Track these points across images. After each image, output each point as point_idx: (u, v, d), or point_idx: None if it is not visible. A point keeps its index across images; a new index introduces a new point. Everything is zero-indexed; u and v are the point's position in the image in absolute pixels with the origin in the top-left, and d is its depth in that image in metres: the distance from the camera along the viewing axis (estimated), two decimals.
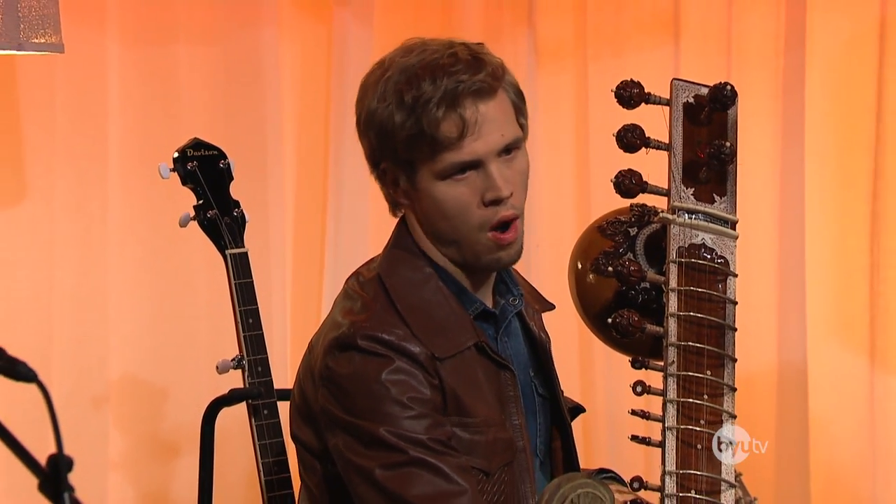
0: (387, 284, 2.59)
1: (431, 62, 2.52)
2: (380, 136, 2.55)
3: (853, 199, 4.33)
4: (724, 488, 2.56)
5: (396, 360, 2.51)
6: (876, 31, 4.30)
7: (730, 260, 2.65)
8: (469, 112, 2.51)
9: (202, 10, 4.19)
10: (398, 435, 2.47)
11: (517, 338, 2.70)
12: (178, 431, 4.09)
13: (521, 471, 2.58)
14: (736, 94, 2.65)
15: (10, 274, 4.00)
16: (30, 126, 4.05)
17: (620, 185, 2.62)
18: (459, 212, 2.55)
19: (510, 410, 2.59)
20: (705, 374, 2.58)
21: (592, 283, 2.69)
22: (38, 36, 3.58)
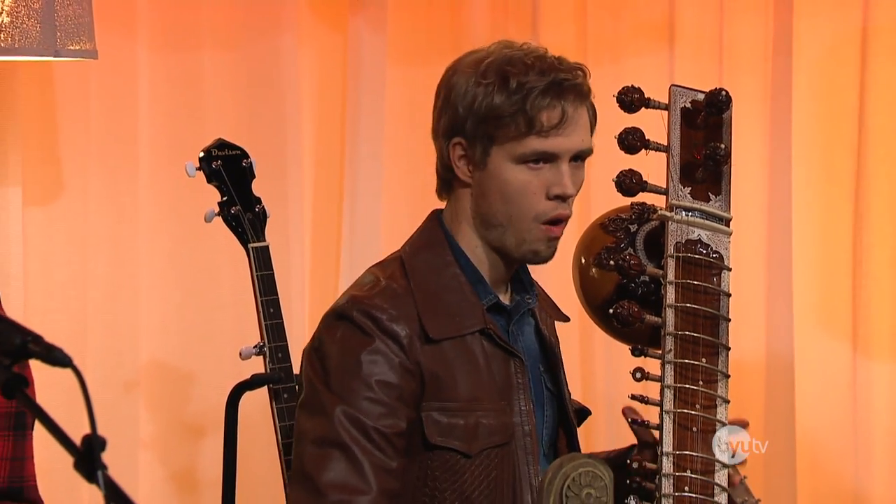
0: (406, 264, 2.59)
1: (540, 56, 2.54)
2: (470, 111, 2.53)
3: (837, 198, 4.33)
4: (718, 468, 2.55)
5: (378, 340, 2.49)
6: (858, 37, 4.30)
7: (724, 255, 2.65)
8: (570, 107, 2.52)
9: (225, 19, 4.19)
10: (346, 413, 2.46)
11: (529, 334, 2.68)
12: (203, 414, 4.10)
13: (524, 453, 2.56)
14: (730, 100, 2.65)
15: (47, 266, 4.01)
16: (66, 128, 4.06)
17: (622, 184, 2.62)
18: (522, 197, 2.54)
19: (517, 396, 2.57)
20: (700, 362, 2.58)
21: (595, 276, 2.69)
22: (73, 43, 3.58)
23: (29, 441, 2.38)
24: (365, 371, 2.48)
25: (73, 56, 3.61)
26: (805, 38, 4.31)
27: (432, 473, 2.53)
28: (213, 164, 3.52)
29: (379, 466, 2.47)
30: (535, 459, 2.57)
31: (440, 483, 2.53)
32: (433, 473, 2.53)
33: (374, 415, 2.47)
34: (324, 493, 2.45)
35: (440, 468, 2.52)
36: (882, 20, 4.28)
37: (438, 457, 2.52)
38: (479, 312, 2.57)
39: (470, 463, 2.53)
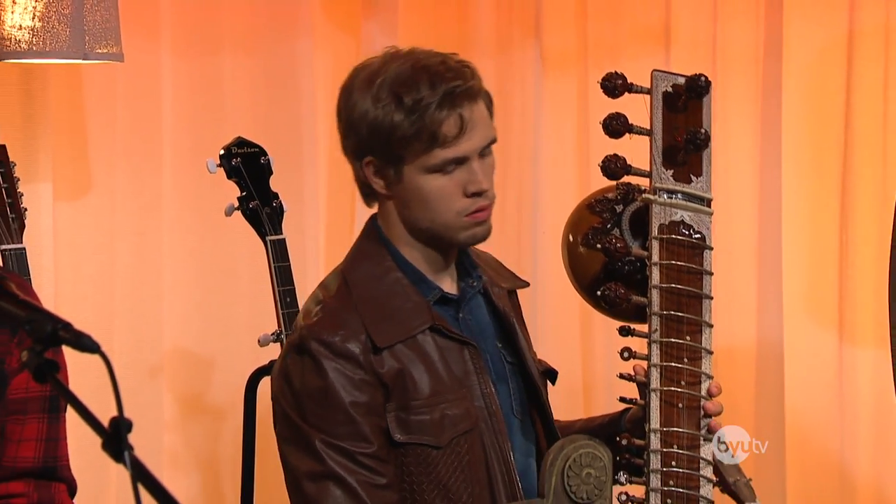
0: (348, 279, 2.58)
1: (426, 67, 2.50)
2: (373, 133, 2.50)
3: (825, 193, 4.33)
4: (703, 443, 2.55)
5: (336, 364, 2.49)
6: (845, 41, 4.29)
7: (706, 235, 2.64)
8: (466, 111, 2.50)
9: (245, 24, 4.20)
10: (327, 443, 2.47)
11: (482, 314, 2.66)
12: (224, 398, 4.10)
13: (491, 434, 2.55)
14: (709, 84, 2.65)
15: (76, 258, 4.01)
16: (94, 127, 4.06)
17: (607, 168, 2.62)
18: (441, 201, 2.52)
19: (476, 382, 2.55)
20: (685, 340, 2.58)
21: (583, 255, 2.68)
22: (101, 47, 3.58)
23: (62, 423, 2.38)
24: (334, 398, 2.48)
25: (101, 59, 3.61)
26: (794, 42, 4.30)
27: (408, 469, 2.52)
28: (232, 161, 3.53)
29: (371, 485, 2.48)
30: (504, 437, 2.56)
31: (416, 477, 2.52)
32: (409, 469, 2.52)
33: (353, 438, 2.48)
34: None
35: (414, 463, 2.52)
36: (867, 25, 4.27)
37: (411, 452, 2.52)
38: (426, 310, 2.55)
39: (441, 453, 2.52)
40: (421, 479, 2.53)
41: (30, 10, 3.52)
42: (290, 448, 2.54)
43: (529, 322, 4.26)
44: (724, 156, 4.34)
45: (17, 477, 2.34)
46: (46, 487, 2.36)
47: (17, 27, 3.53)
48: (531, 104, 4.28)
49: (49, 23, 3.52)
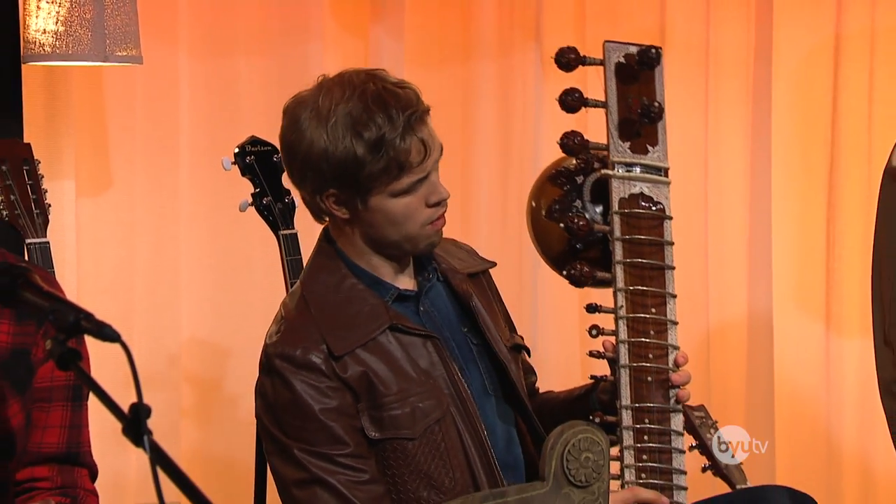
0: (305, 294, 2.58)
1: (375, 97, 2.47)
2: (337, 171, 2.46)
3: (812, 189, 4.33)
4: (673, 415, 2.53)
5: (301, 377, 2.49)
6: (831, 46, 4.29)
7: (665, 205, 2.60)
8: (424, 134, 2.48)
9: (258, 27, 4.19)
10: (306, 451, 2.49)
11: (443, 304, 2.65)
12: (238, 385, 4.10)
13: (463, 418, 2.55)
14: (660, 55, 2.62)
15: (98, 251, 4.02)
16: (114, 126, 4.06)
17: (565, 145, 2.59)
18: (408, 217, 2.52)
19: (443, 370, 2.55)
20: (651, 313, 2.55)
21: (546, 223, 2.65)
22: (121, 49, 3.58)
23: (84, 411, 2.38)
24: (304, 408, 2.49)
25: (121, 61, 3.61)
26: (783, 47, 4.30)
27: (388, 463, 2.53)
28: (246, 158, 3.52)
29: (354, 483, 2.49)
30: (476, 420, 2.56)
31: (397, 469, 2.53)
32: (389, 463, 2.53)
33: (329, 442, 2.49)
34: None
35: (393, 457, 2.53)
36: (853, 30, 4.27)
37: (389, 447, 2.52)
38: (383, 312, 2.54)
39: (417, 444, 2.53)
40: (402, 471, 2.54)
41: (53, 15, 3.52)
42: (276, 460, 2.56)
43: (529, 314, 4.28)
44: (716, 155, 4.34)
45: (41, 462, 2.34)
46: (69, 472, 2.36)
47: (42, 31, 3.53)
48: (532, 105, 4.28)
49: (71, 27, 3.52)
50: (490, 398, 2.62)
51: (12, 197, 3.31)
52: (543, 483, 2.22)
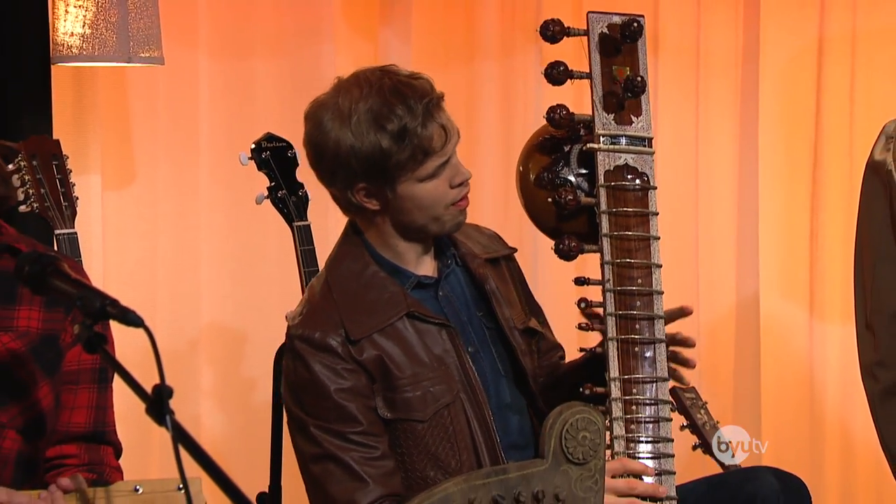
0: (329, 279, 2.58)
1: (392, 91, 2.48)
2: (366, 164, 2.47)
3: (797, 184, 4.33)
4: (660, 383, 2.50)
5: (319, 358, 2.50)
6: (815, 49, 4.29)
7: (649, 175, 2.57)
8: (443, 120, 2.49)
9: (274, 31, 4.19)
10: (321, 427, 2.50)
11: (461, 288, 2.64)
12: (255, 368, 4.10)
13: (472, 404, 2.54)
14: (642, 28, 2.58)
15: (122, 241, 4.01)
16: (138, 124, 4.06)
17: (552, 119, 2.56)
18: (436, 200, 2.52)
19: (455, 358, 2.55)
20: (637, 285, 2.51)
21: (534, 189, 2.61)
22: (144, 51, 3.58)
23: (110, 393, 2.38)
24: (321, 388, 2.50)
25: (144, 62, 3.61)
26: (769, 49, 4.29)
27: (398, 442, 2.53)
28: (262, 154, 3.52)
29: (366, 459, 2.49)
30: (483, 405, 2.55)
31: (407, 449, 2.54)
32: (399, 442, 2.53)
33: (343, 420, 2.50)
34: (336, 500, 2.50)
35: (403, 437, 2.53)
36: (836, 33, 4.27)
37: (400, 427, 2.53)
38: (402, 299, 2.54)
39: (427, 426, 2.53)
40: (411, 450, 2.54)
41: (80, 19, 3.52)
42: (295, 435, 2.57)
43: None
44: (706, 152, 4.33)
45: (70, 440, 2.35)
46: (95, 450, 2.36)
47: (69, 34, 3.53)
48: (532, 103, 4.27)
49: (97, 30, 3.52)
50: (503, 379, 2.62)
51: (42, 190, 3.31)
52: (543, 461, 2.21)
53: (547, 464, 2.21)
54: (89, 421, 2.35)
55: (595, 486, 2.21)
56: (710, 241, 4.32)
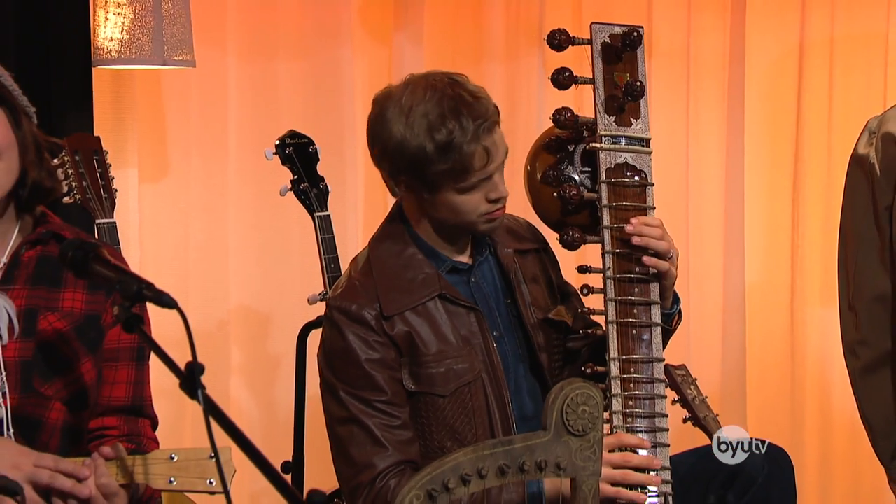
0: (371, 256, 2.58)
1: (452, 103, 2.45)
2: (410, 162, 2.46)
3: (780, 178, 4.33)
4: (656, 363, 2.50)
5: (353, 329, 2.51)
6: (796, 52, 4.28)
7: (647, 173, 2.56)
8: (489, 143, 2.46)
9: (296, 36, 4.18)
10: (349, 392, 2.51)
11: (491, 277, 2.64)
12: (279, 346, 4.10)
13: (492, 384, 2.54)
14: (641, 38, 2.57)
15: (157, 230, 4.02)
16: (171, 122, 4.06)
17: (557, 120, 2.56)
18: (470, 210, 2.51)
19: (480, 340, 2.55)
20: (635, 273, 2.50)
21: (540, 186, 2.61)
22: (177, 54, 3.58)
23: (146, 369, 2.39)
24: (352, 356, 2.51)
25: (177, 65, 3.60)
26: (754, 52, 4.29)
27: (420, 414, 2.54)
28: (286, 149, 3.52)
29: (387, 427, 2.50)
30: (503, 386, 2.55)
31: (427, 420, 2.54)
32: (420, 413, 2.54)
33: (370, 388, 2.50)
34: (355, 463, 2.50)
35: (424, 409, 2.53)
36: (816, 38, 4.26)
37: (422, 400, 2.53)
38: (435, 281, 2.54)
39: (447, 401, 2.53)
40: (431, 422, 2.54)
41: (119, 25, 3.52)
42: (326, 398, 2.58)
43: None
44: (696, 148, 4.33)
45: (110, 413, 2.35)
46: (134, 422, 2.36)
47: (109, 39, 3.53)
48: (535, 103, 4.27)
49: (134, 35, 3.52)
50: (522, 365, 2.62)
51: (84, 183, 3.31)
52: (546, 433, 2.21)
53: (549, 435, 2.21)
54: (128, 395, 2.36)
55: (593, 455, 2.20)
56: (699, 232, 4.31)
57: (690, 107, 4.31)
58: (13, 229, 2.30)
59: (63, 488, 2.12)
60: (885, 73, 4.19)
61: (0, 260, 2.27)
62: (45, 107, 2.47)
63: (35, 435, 2.23)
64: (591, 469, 2.20)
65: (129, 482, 2.17)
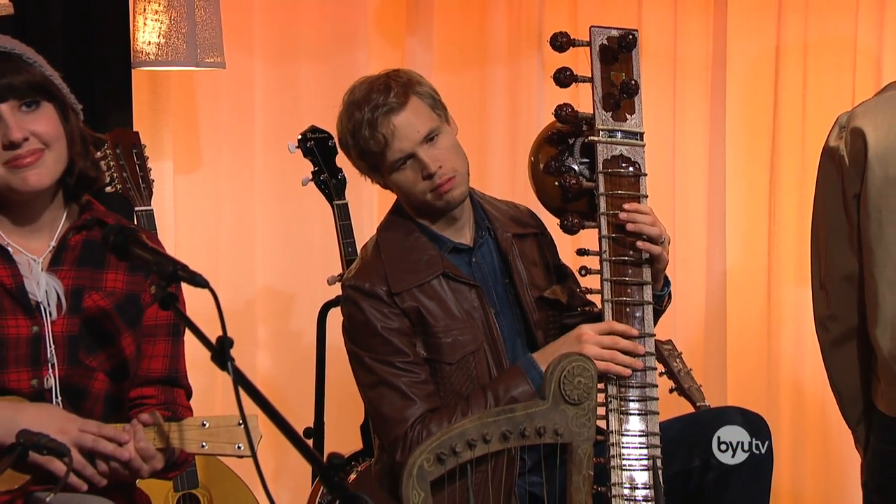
0: (379, 241, 2.61)
1: (357, 98, 2.55)
2: (353, 158, 2.60)
3: (758, 169, 4.31)
4: (646, 339, 2.47)
5: (368, 303, 2.53)
6: (773, 54, 4.27)
7: (640, 163, 2.55)
8: (384, 128, 2.51)
9: (316, 40, 4.18)
10: (374, 359, 2.52)
11: (491, 258, 2.65)
12: (301, 323, 4.11)
13: (493, 354, 2.55)
14: (636, 40, 2.56)
15: (191, 216, 4.02)
16: (203, 118, 4.06)
17: (559, 115, 2.56)
18: (411, 188, 2.55)
19: (482, 314, 2.56)
20: (629, 255, 2.49)
21: (543, 176, 2.61)
22: (209, 57, 3.57)
23: (181, 344, 2.39)
24: (371, 326, 2.52)
25: (209, 66, 3.60)
26: (735, 55, 4.27)
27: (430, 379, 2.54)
28: (307, 143, 3.51)
29: (413, 383, 2.51)
30: (502, 356, 2.56)
31: (436, 386, 2.53)
32: (431, 379, 2.54)
33: (392, 353, 2.51)
34: (390, 420, 2.50)
35: (434, 375, 2.54)
36: (790, 43, 4.25)
37: (432, 366, 2.54)
38: (439, 261, 2.56)
39: (453, 369, 2.54)
40: (439, 388, 2.54)
41: (156, 30, 3.51)
42: (355, 368, 2.58)
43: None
44: (682, 143, 4.32)
45: (149, 383, 2.35)
46: (170, 392, 2.37)
47: (147, 43, 3.53)
48: (535, 101, 4.26)
49: (170, 39, 3.51)
50: (519, 338, 2.63)
51: (124, 174, 3.31)
52: (545, 401, 2.21)
53: (548, 404, 2.21)
54: (165, 368, 2.36)
55: (588, 422, 2.20)
56: (685, 217, 4.30)
57: (677, 105, 4.30)
58: (61, 216, 2.30)
59: (105, 451, 2.13)
60: (853, 74, 4.18)
61: (49, 244, 2.28)
62: (90, 105, 2.47)
63: (80, 403, 2.23)
64: (586, 435, 2.20)
65: (164, 446, 2.17)
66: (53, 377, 2.21)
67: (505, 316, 2.61)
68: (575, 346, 2.43)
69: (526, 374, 2.47)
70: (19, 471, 2.11)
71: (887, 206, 2.36)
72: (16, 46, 2.22)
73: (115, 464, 2.14)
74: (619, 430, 2.42)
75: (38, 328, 2.21)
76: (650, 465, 2.39)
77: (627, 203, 2.52)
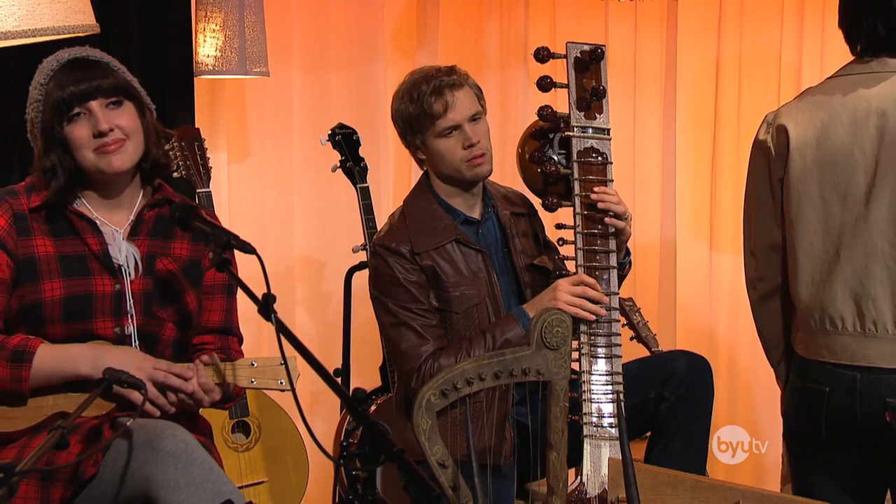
0: (405, 209, 2.61)
1: (424, 75, 2.55)
2: (404, 121, 2.56)
3: (702, 159, 4.31)
4: (613, 297, 2.47)
5: (393, 259, 2.52)
6: (714, 66, 4.25)
7: (608, 154, 2.55)
8: (448, 96, 2.52)
9: (344, 53, 4.16)
10: (396, 304, 2.51)
11: (494, 230, 2.65)
12: (332, 285, 4.11)
13: (493, 307, 2.55)
14: (604, 53, 2.57)
15: (242, 198, 4.02)
16: (252, 118, 4.05)
17: (541, 114, 2.56)
18: (451, 154, 2.54)
19: (486, 275, 2.56)
20: (598, 229, 2.50)
21: (528, 164, 2.61)
22: (255, 66, 3.56)
23: (235, 300, 2.39)
24: (395, 278, 2.52)
25: (255, 75, 3.59)
26: (683, 66, 4.26)
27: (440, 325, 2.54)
28: (336, 137, 3.51)
29: (427, 325, 2.51)
30: (501, 308, 2.56)
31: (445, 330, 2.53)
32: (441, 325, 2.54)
33: (411, 300, 2.51)
34: (407, 354, 2.50)
35: (443, 322, 2.53)
36: (728, 55, 4.24)
37: (442, 315, 2.54)
38: (452, 229, 2.56)
39: (460, 317, 2.54)
40: (448, 334, 2.54)
41: (214, 45, 3.50)
42: (378, 311, 2.58)
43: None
44: (641, 138, 4.30)
45: (208, 332, 2.36)
46: (225, 339, 2.37)
47: (206, 55, 3.52)
48: (521, 104, 4.25)
49: (225, 53, 3.50)
50: (515, 297, 2.63)
51: (188, 162, 3.31)
52: (529, 347, 2.21)
53: (532, 349, 2.21)
54: (221, 319, 2.36)
55: (564, 364, 2.20)
56: (643, 196, 4.30)
57: (637, 106, 4.29)
58: (138, 195, 2.31)
59: (174, 385, 2.14)
60: (778, 81, 4.19)
61: (129, 218, 2.28)
62: (161, 106, 2.47)
63: (153, 347, 2.24)
64: (563, 374, 2.20)
65: (221, 382, 2.19)
66: (132, 326, 2.21)
67: (503, 277, 2.62)
68: (552, 294, 2.44)
69: (518, 320, 2.49)
70: (106, 400, 2.14)
71: (805, 189, 2.35)
72: (103, 56, 2.24)
73: (181, 395, 2.15)
74: (589, 370, 2.43)
75: (119, 286, 2.22)
76: (615, 399, 2.40)
77: (597, 186, 2.53)
